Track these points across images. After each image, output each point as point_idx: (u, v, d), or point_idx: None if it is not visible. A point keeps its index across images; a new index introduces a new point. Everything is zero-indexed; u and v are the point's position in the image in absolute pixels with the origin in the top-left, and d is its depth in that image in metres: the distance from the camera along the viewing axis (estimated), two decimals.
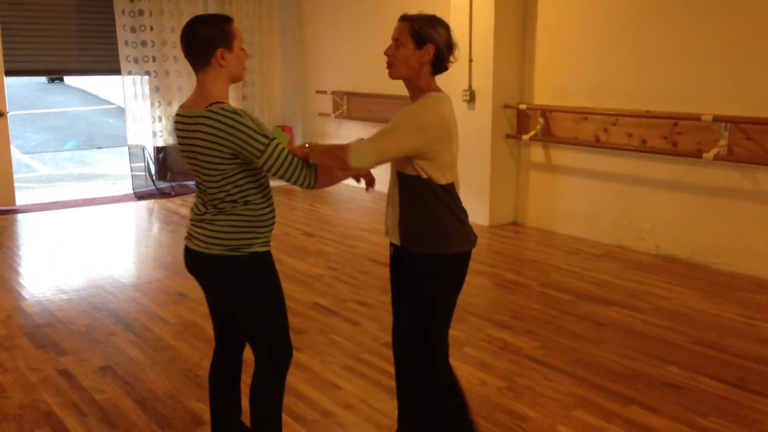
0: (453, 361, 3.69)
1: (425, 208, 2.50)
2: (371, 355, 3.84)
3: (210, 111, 2.34)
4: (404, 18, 2.51)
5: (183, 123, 2.45)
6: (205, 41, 2.38)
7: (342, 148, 2.40)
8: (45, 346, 4.01)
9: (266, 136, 2.35)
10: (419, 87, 2.51)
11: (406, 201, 2.53)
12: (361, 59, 8.34)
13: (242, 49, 2.47)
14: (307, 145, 2.45)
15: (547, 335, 4.12)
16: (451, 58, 2.53)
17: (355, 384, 3.52)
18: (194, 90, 2.48)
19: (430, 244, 2.51)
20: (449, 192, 2.52)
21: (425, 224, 2.51)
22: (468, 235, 2.59)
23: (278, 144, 2.36)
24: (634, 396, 3.38)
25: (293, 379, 3.56)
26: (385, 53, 2.52)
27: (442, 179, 2.48)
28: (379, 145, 2.40)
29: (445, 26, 2.50)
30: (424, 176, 2.47)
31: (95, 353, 3.92)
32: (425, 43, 2.45)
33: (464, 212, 2.59)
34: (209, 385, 2.83)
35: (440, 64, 2.50)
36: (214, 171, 2.39)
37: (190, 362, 3.79)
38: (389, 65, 2.52)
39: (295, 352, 3.85)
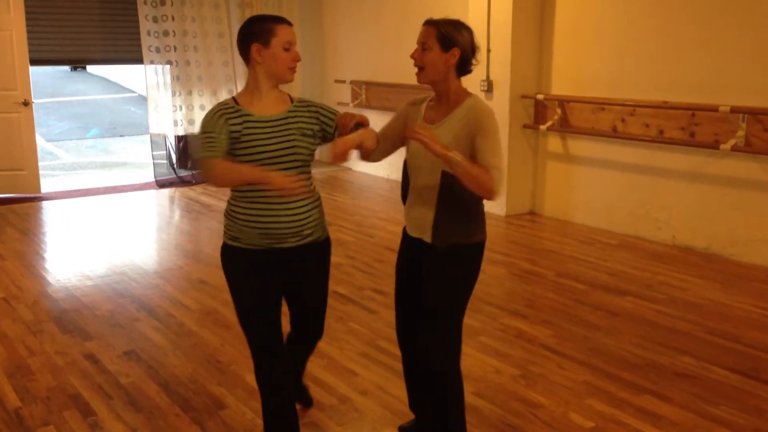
0: (468, 349, 3.79)
1: (469, 205, 2.60)
2: (387, 343, 3.91)
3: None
4: (430, 22, 2.56)
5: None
6: (244, 37, 2.52)
7: (488, 179, 2.43)
8: (71, 331, 4.13)
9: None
10: (448, 89, 2.58)
11: (447, 199, 2.59)
12: (380, 48, 8.39)
13: (286, 50, 2.51)
14: (454, 157, 2.41)
15: (562, 324, 4.18)
16: (474, 61, 2.61)
17: (372, 370, 3.61)
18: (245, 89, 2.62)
19: (463, 235, 2.62)
20: None
21: (465, 218, 2.60)
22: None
23: None
24: (646, 385, 3.43)
25: (312, 365, 3.64)
26: (412, 56, 2.59)
27: None
28: (502, 164, 2.52)
29: (469, 30, 2.58)
30: None
31: (119, 338, 4.03)
32: (451, 47, 2.52)
33: (483, 209, 2.71)
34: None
35: (464, 66, 2.57)
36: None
37: (211, 348, 3.89)
38: (419, 69, 2.59)
39: None
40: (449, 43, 2.51)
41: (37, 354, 3.83)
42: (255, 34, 2.50)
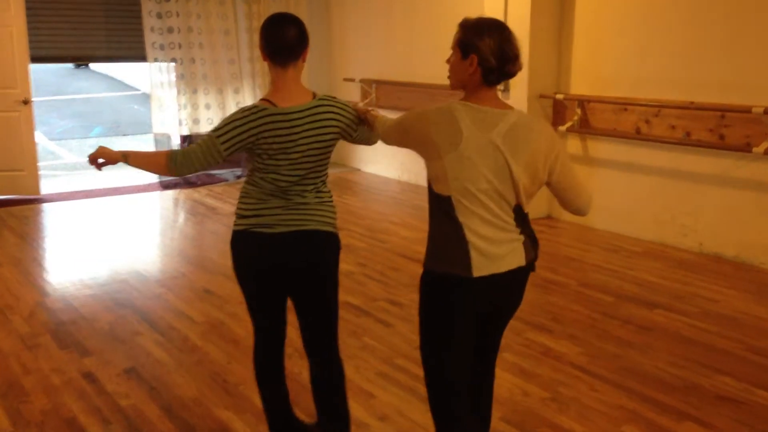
0: None
1: (433, 226, 2.32)
2: (406, 360, 3.66)
3: (325, 98, 2.55)
4: (460, 23, 2.27)
5: (293, 118, 2.46)
6: (305, 39, 2.51)
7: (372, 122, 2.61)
8: (68, 346, 3.89)
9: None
10: (476, 100, 2.23)
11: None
12: (390, 46, 8.13)
13: None
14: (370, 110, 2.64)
15: (590, 340, 3.92)
16: (511, 69, 2.22)
17: (391, 392, 3.36)
18: (284, 85, 2.51)
19: (426, 257, 2.32)
20: (445, 204, 2.21)
21: (430, 240, 2.32)
22: (451, 259, 2.23)
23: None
24: (687, 410, 3.18)
25: None
26: (446, 62, 2.33)
27: (435, 188, 2.24)
28: (386, 128, 2.51)
29: (498, 34, 2.18)
30: (427, 176, 2.30)
31: (119, 354, 3.79)
32: (469, 53, 2.19)
33: (459, 236, 2.20)
34: (262, 373, 2.78)
35: (488, 76, 2.19)
36: (327, 154, 2.59)
37: (217, 365, 3.64)
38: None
39: None
40: (467, 49, 2.19)
41: (32, 372, 3.58)
42: None
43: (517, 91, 6.29)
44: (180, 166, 2.47)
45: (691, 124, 5.39)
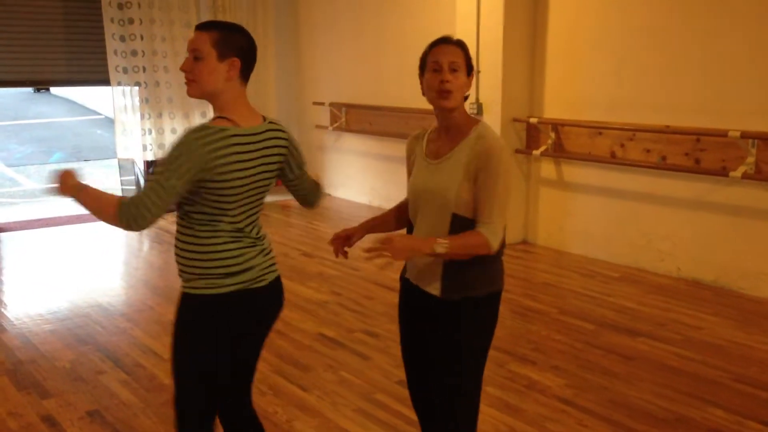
0: None
1: (483, 255, 2.25)
2: (385, 396, 3.51)
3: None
4: (459, 43, 2.30)
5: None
6: None
7: (479, 242, 2.17)
8: (27, 387, 3.65)
9: None
10: (459, 117, 2.30)
11: None
12: (360, 69, 8.03)
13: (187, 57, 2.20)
14: (436, 249, 2.16)
15: (574, 371, 3.80)
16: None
17: (371, 430, 3.19)
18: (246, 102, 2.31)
19: (475, 287, 2.28)
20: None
21: (479, 268, 2.27)
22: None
23: None
24: None
25: (302, 425, 3.23)
26: (444, 80, 2.23)
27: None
28: (504, 213, 2.23)
29: None
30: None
31: (82, 395, 3.56)
32: (471, 72, 2.30)
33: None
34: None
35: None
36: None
37: None
38: (447, 94, 2.23)
39: (302, 393, 3.54)
40: (471, 68, 2.30)
41: None
42: None
43: (491, 115, 6.21)
44: (132, 220, 2.05)
45: (667, 148, 5.35)
